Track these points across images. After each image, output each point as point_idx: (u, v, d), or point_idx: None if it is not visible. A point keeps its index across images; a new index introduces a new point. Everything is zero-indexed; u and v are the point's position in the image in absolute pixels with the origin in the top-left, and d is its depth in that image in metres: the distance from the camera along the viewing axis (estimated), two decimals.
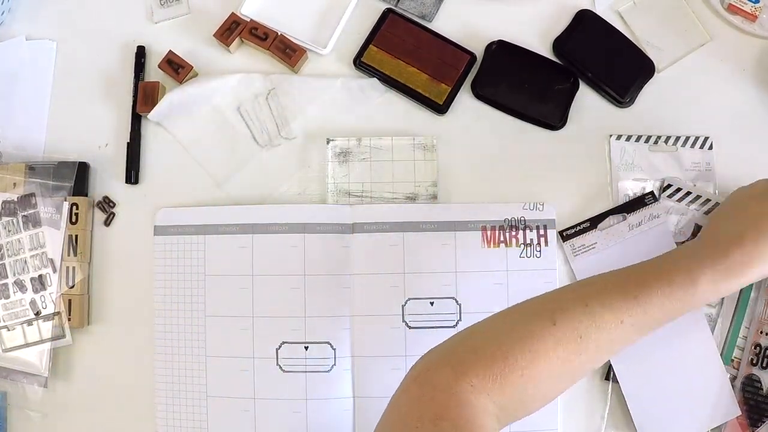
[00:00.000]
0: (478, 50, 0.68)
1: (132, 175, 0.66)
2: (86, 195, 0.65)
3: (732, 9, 0.69)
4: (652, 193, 0.64)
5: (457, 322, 0.62)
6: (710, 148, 0.66)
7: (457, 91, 0.67)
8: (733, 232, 0.54)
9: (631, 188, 0.66)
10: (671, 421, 0.60)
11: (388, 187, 0.65)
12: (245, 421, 0.61)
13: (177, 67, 0.67)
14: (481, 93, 0.67)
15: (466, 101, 0.68)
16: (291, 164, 0.67)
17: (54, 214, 0.64)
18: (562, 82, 0.67)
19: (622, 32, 0.68)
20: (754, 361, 0.62)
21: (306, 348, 0.62)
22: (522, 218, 0.64)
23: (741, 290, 0.64)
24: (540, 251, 0.64)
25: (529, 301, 0.51)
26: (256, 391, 0.61)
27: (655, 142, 0.66)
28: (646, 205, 0.63)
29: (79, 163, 0.65)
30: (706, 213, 0.63)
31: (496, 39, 0.68)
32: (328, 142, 0.66)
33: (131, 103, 0.67)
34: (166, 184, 0.66)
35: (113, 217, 0.66)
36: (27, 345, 0.63)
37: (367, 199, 0.65)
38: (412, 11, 0.69)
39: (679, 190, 0.64)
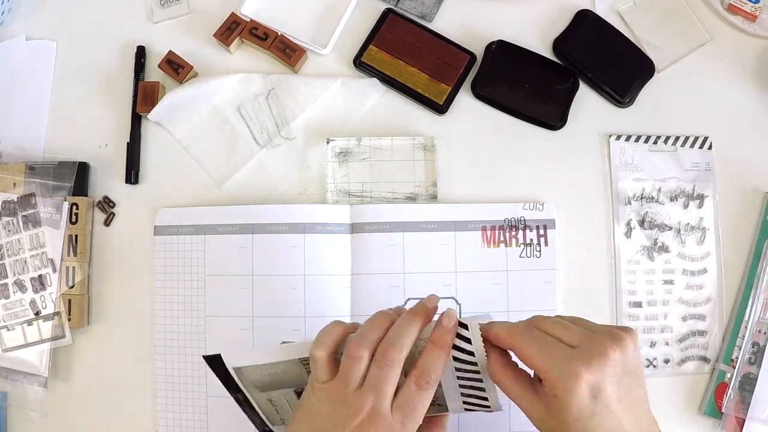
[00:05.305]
0: (478, 50, 0.68)
1: (132, 175, 0.66)
2: (86, 195, 0.65)
3: (732, 9, 0.69)
4: None
5: None
6: (710, 148, 0.67)
7: (457, 91, 0.67)
8: None
9: (631, 188, 0.66)
10: None
11: (388, 187, 0.65)
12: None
13: (177, 67, 0.67)
14: (481, 93, 0.67)
15: (466, 101, 0.68)
16: (291, 164, 0.67)
17: (54, 214, 0.64)
18: (562, 82, 0.67)
19: (622, 32, 0.68)
20: (752, 360, 0.62)
21: None
22: (522, 218, 0.64)
23: (740, 289, 0.64)
24: (540, 251, 0.64)
25: None
26: None
27: (655, 142, 0.66)
28: None
29: (79, 163, 0.65)
30: None
31: (496, 39, 0.68)
32: (328, 142, 0.66)
33: (131, 103, 0.67)
34: (166, 184, 0.66)
35: (113, 217, 0.66)
36: (27, 345, 0.63)
37: (367, 199, 0.65)
38: (412, 11, 0.69)
39: None
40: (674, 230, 0.65)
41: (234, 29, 0.67)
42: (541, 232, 0.64)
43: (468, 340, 0.46)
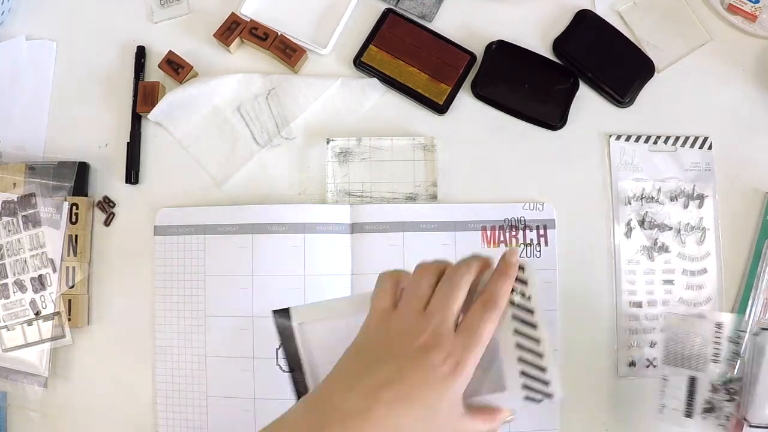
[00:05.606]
0: (478, 50, 0.68)
1: (132, 175, 0.66)
2: (86, 195, 0.65)
3: (732, 9, 0.69)
4: None
5: None
6: (710, 148, 0.67)
7: (457, 91, 0.67)
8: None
9: (631, 188, 0.66)
10: None
11: (388, 187, 0.65)
12: (245, 421, 0.61)
13: (177, 67, 0.67)
14: (481, 93, 0.67)
15: (466, 101, 0.68)
16: (291, 164, 0.67)
17: (54, 214, 0.64)
18: (562, 82, 0.67)
19: (622, 32, 0.68)
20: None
21: None
22: (522, 218, 0.64)
23: (740, 290, 0.64)
24: (540, 251, 0.64)
25: None
26: (256, 391, 0.61)
27: (655, 142, 0.66)
28: None
29: (79, 163, 0.65)
30: None
31: (496, 39, 0.68)
32: (328, 142, 0.66)
33: (131, 103, 0.67)
34: (166, 184, 0.66)
35: (113, 217, 0.66)
36: (27, 345, 0.63)
37: (367, 199, 0.65)
38: (412, 11, 0.69)
39: None
40: (674, 230, 0.65)
41: (234, 29, 0.67)
42: (541, 232, 0.64)
43: (525, 282, 0.44)
